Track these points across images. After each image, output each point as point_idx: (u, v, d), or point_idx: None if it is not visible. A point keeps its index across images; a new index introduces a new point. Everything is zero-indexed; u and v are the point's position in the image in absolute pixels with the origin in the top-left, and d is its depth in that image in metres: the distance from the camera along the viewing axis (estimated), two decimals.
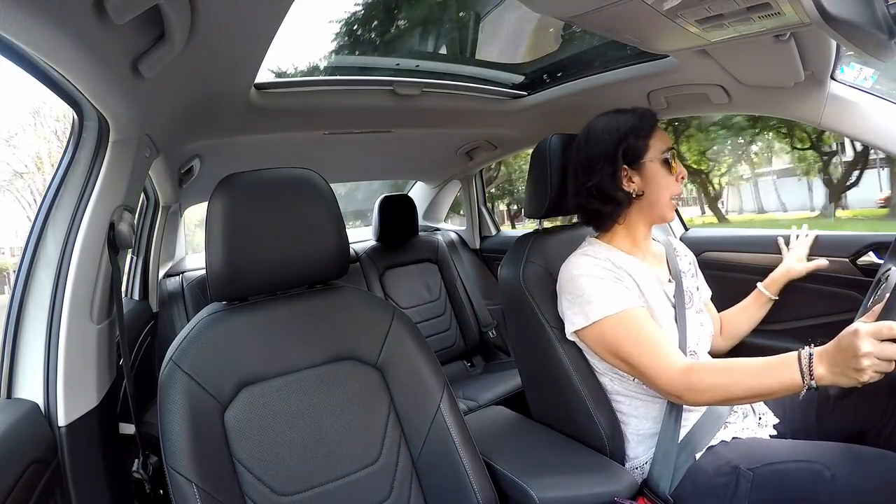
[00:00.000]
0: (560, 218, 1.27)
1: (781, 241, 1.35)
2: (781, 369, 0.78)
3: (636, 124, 1.03)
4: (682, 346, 0.99)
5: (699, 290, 1.16)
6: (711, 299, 1.24)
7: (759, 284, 1.26)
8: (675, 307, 1.03)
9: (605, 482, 0.92)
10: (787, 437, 1.00)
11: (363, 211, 2.39)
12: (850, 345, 0.71)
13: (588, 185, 1.03)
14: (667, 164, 1.01)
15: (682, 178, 1.03)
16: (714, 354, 1.12)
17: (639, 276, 1.00)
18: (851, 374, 0.72)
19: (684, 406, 0.97)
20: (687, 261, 1.18)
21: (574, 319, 0.97)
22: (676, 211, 1.79)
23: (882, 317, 0.73)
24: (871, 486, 0.76)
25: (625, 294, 0.95)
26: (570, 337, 1.01)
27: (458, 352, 2.34)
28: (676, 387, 0.87)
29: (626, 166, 1.02)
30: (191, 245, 2.45)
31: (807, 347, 0.77)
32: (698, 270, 1.21)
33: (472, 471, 0.90)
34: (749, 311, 1.25)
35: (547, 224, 1.25)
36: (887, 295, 0.77)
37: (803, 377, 0.76)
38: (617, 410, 1.03)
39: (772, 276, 1.26)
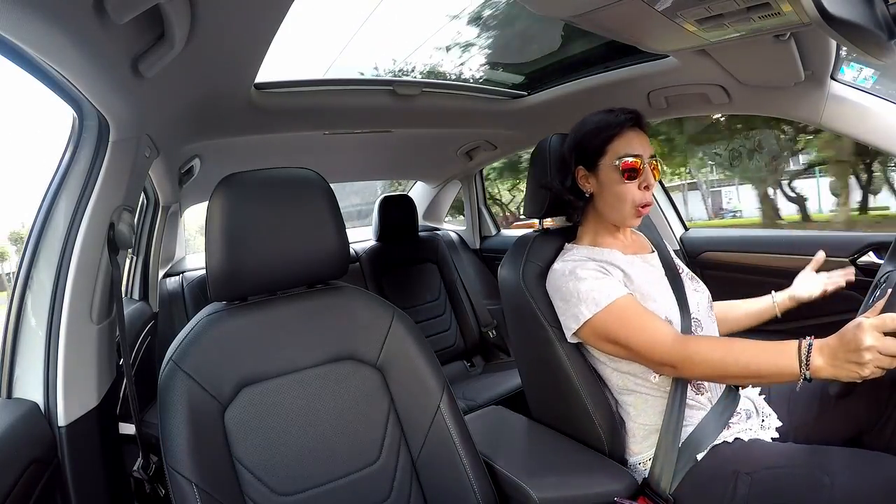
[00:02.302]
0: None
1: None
2: (779, 354, 0.79)
3: (599, 126, 1.03)
4: (684, 309, 0.99)
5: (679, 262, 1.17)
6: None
7: (773, 295, 1.17)
8: (667, 275, 1.05)
9: (605, 482, 0.92)
10: (789, 436, 1.00)
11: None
12: (853, 338, 0.71)
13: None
14: (624, 170, 0.98)
15: (647, 187, 0.99)
16: None
17: (621, 262, 1.01)
18: (852, 367, 0.71)
19: (687, 403, 0.97)
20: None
21: (568, 323, 0.99)
22: (676, 210, 1.83)
23: (885, 311, 0.73)
24: (870, 492, 0.76)
25: (610, 286, 0.95)
26: (570, 340, 1.02)
27: (458, 352, 2.34)
28: (671, 356, 0.88)
29: (582, 167, 1.05)
30: (191, 250, 2.45)
31: (808, 338, 0.77)
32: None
33: (471, 471, 0.90)
34: (751, 316, 1.19)
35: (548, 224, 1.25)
36: (889, 290, 0.77)
37: (800, 366, 0.76)
38: (620, 405, 1.03)
39: (789, 294, 1.15)
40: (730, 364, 0.83)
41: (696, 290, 1.08)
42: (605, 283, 0.96)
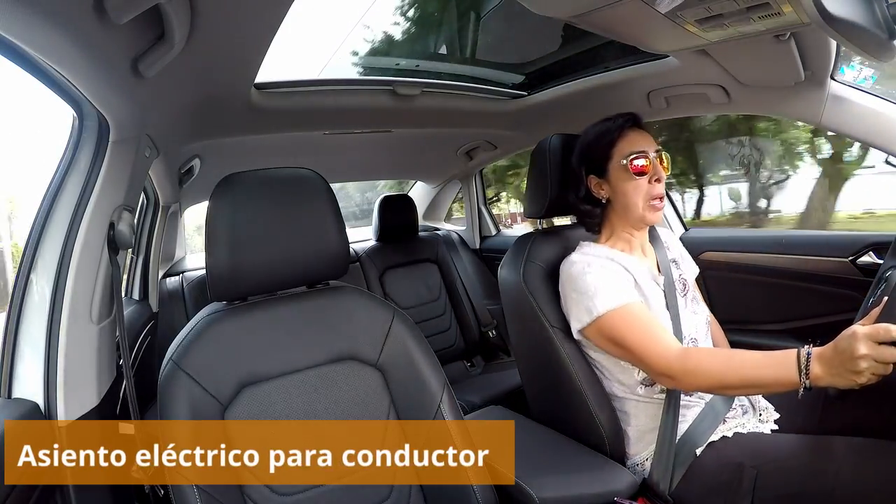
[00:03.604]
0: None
1: None
2: (779, 364, 0.79)
3: (600, 133, 1.06)
4: (678, 335, 1.00)
5: (688, 270, 1.17)
6: (710, 299, 1.24)
7: None
8: (666, 297, 1.05)
9: (606, 482, 0.92)
10: (790, 432, 1.00)
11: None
12: (847, 347, 0.72)
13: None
14: (633, 167, 1.01)
15: (657, 179, 1.02)
16: None
17: (634, 270, 1.02)
18: (849, 375, 0.72)
19: (681, 402, 0.97)
20: (678, 251, 1.19)
21: (580, 316, 0.99)
22: (676, 211, 1.83)
23: (880, 319, 0.73)
24: (876, 479, 0.76)
25: (625, 288, 0.97)
26: (576, 336, 1.02)
27: (458, 352, 2.34)
28: (672, 369, 0.89)
29: (593, 175, 1.07)
30: (188, 249, 2.44)
31: (807, 346, 0.78)
32: (682, 252, 1.21)
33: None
34: None
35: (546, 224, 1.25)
36: (885, 298, 0.77)
37: (800, 375, 0.76)
38: (617, 409, 1.03)
39: None
40: (730, 377, 0.84)
41: (695, 313, 1.08)
42: (622, 282, 0.98)
